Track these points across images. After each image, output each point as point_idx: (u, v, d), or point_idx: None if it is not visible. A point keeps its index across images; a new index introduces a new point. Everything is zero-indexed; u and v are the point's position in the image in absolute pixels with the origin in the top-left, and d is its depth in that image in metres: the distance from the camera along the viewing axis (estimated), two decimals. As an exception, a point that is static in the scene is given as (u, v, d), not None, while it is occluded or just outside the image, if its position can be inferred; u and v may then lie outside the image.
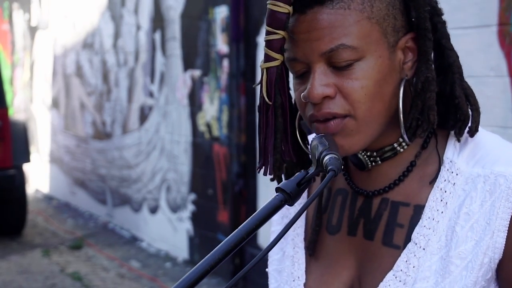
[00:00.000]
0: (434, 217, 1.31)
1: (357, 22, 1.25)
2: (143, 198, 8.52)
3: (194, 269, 1.15)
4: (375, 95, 1.27)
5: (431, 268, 1.29)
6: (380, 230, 1.35)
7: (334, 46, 1.25)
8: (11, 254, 8.13)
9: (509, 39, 3.71)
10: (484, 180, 1.28)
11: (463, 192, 1.30)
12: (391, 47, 1.28)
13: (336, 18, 1.25)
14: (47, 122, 11.86)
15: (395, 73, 1.29)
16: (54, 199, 11.39)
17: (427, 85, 1.29)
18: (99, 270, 7.52)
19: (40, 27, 11.97)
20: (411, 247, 1.31)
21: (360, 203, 1.38)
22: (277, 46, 1.28)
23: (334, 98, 1.27)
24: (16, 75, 13.43)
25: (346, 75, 1.26)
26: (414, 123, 1.30)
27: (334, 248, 1.40)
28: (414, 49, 1.30)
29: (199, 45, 7.14)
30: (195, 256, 7.33)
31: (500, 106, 3.75)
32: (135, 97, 8.69)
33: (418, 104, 1.29)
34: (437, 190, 1.31)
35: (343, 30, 1.25)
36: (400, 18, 1.29)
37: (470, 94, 1.32)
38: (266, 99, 1.30)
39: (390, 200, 1.35)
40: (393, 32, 1.28)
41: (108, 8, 9.35)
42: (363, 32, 1.25)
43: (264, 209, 1.20)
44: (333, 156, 1.22)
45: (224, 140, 6.75)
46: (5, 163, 8.50)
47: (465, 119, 1.30)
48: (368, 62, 1.26)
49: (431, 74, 1.29)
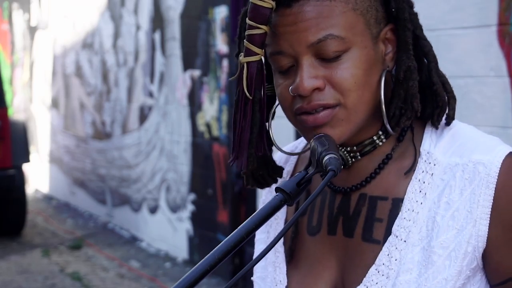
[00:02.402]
0: (414, 208, 1.30)
1: (343, 13, 1.26)
2: (143, 198, 8.52)
3: (194, 269, 1.14)
4: (364, 84, 1.28)
5: (414, 259, 1.29)
6: (360, 226, 1.34)
7: (322, 36, 1.25)
8: (11, 254, 8.13)
9: (509, 39, 3.71)
10: (462, 169, 1.28)
11: (441, 182, 1.30)
12: (374, 38, 1.29)
13: (322, 9, 1.26)
14: (46, 122, 11.86)
15: (379, 63, 1.30)
16: (53, 199, 11.39)
17: (409, 74, 1.30)
18: (99, 270, 7.52)
19: (40, 27, 11.97)
20: (392, 240, 1.30)
21: (338, 201, 1.38)
22: (258, 41, 1.28)
23: (324, 89, 1.27)
24: (16, 75, 13.43)
25: (334, 66, 1.27)
26: (398, 112, 1.30)
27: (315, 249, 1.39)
28: (393, 41, 1.32)
29: (198, 45, 7.14)
30: (195, 256, 7.33)
31: (500, 106, 3.75)
32: (135, 97, 8.69)
33: (400, 94, 1.30)
34: (416, 181, 1.31)
35: (330, 21, 1.26)
36: (380, 10, 1.30)
37: (446, 82, 1.33)
38: (246, 93, 1.31)
39: (368, 195, 1.34)
40: (375, 23, 1.29)
41: (108, 8, 9.35)
42: (349, 23, 1.26)
43: (263, 209, 1.20)
44: (332, 156, 1.22)
45: (223, 140, 6.75)
46: (5, 163, 8.50)
47: (443, 105, 1.31)
48: (355, 52, 1.27)
49: (412, 63, 1.30)
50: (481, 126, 1.36)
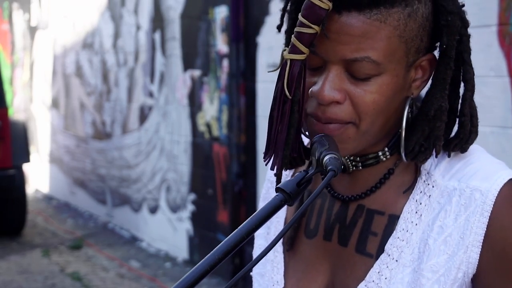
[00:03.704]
0: (408, 229, 1.29)
1: (388, 38, 1.22)
2: (143, 198, 8.52)
3: (194, 269, 1.14)
4: (382, 110, 1.25)
5: (404, 280, 1.28)
6: (354, 237, 1.33)
7: (360, 56, 1.22)
8: (11, 254, 8.13)
9: (509, 39, 3.71)
10: (459, 194, 1.27)
11: (438, 205, 1.28)
12: (408, 66, 1.26)
13: (369, 29, 1.21)
14: (47, 122, 11.86)
15: (403, 90, 1.27)
16: (54, 199, 11.39)
17: (439, 114, 1.27)
18: (99, 270, 7.51)
19: (40, 27, 11.97)
20: (384, 258, 1.30)
21: (337, 208, 1.37)
22: (307, 40, 1.23)
23: (342, 104, 1.25)
24: (16, 75, 13.42)
25: (360, 85, 1.23)
26: (417, 147, 1.28)
27: (311, 252, 1.39)
28: (427, 70, 1.28)
29: (199, 45, 7.14)
30: (195, 256, 7.33)
31: (500, 106, 3.75)
32: (135, 97, 8.69)
33: (425, 130, 1.28)
34: (413, 201, 1.30)
35: (373, 43, 1.22)
36: (425, 40, 1.26)
37: (474, 115, 1.30)
38: (286, 92, 1.25)
39: (366, 207, 1.33)
40: (415, 53, 1.26)
41: (108, 8, 9.35)
42: (390, 50, 1.23)
43: (264, 209, 1.19)
44: (333, 156, 1.21)
45: (224, 140, 6.75)
46: (5, 163, 8.49)
47: (463, 138, 1.29)
48: (385, 79, 1.24)
49: (445, 104, 1.27)
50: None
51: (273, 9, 5.89)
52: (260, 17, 6.16)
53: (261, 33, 6.15)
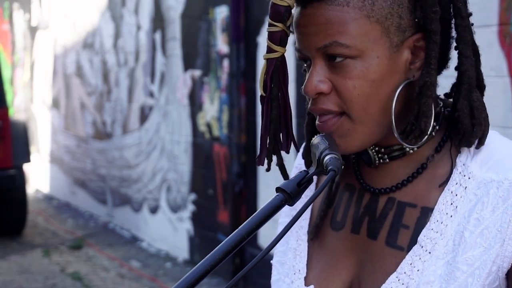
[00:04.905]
0: (443, 220, 1.27)
1: (354, 20, 1.23)
2: (143, 198, 8.52)
3: (194, 269, 1.14)
4: (370, 95, 1.24)
5: (436, 272, 1.26)
6: (385, 230, 1.32)
7: (328, 42, 1.24)
8: (11, 254, 8.13)
9: (509, 39, 3.71)
10: (497, 186, 1.24)
11: (474, 196, 1.26)
12: (394, 46, 1.25)
13: (333, 15, 1.23)
14: (47, 122, 11.86)
15: (397, 73, 1.26)
16: (54, 199, 11.39)
17: (424, 90, 1.25)
18: (99, 270, 7.52)
19: (40, 27, 11.97)
20: (416, 250, 1.28)
21: (366, 200, 1.35)
22: (276, 38, 1.28)
23: (329, 94, 1.26)
24: (16, 75, 13.43)
25: (341, 73, 1.24)
26: (408, 127, 1.27)
27: (337, 244, 1.38)
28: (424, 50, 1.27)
29: (199, 45, 7.14)
30: (195, 256, 7.33)
31: (500, 106, 3.75)
32: (135, 97, 8.69)
33: (414, 109, 1.27)
34: (448, 193, 1.28)
35: (339, 28, 1.23)
36: (407, 17, 1.25)
37: (475, 107, 1.27)
38: (260, 90, 1.31)
39: (396, 200, 1.32)
40: (397, 31, 1.25)
41: (108, 8, 9.36)
42: (360, 31, 1.23)
43: (264, 209, 1.19)
44: (333, 156, 1.21)
45: (224, 140, 6.75)
46: (5, 163, 8.50)
47: (464, 132, 1.27)
48: (364, 62, 1.24)
49: (430, 79, 1.25)
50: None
51: (274, 9, 5.89)
52: (261, 17, 6.16)
53: (262, 33, 6.15)
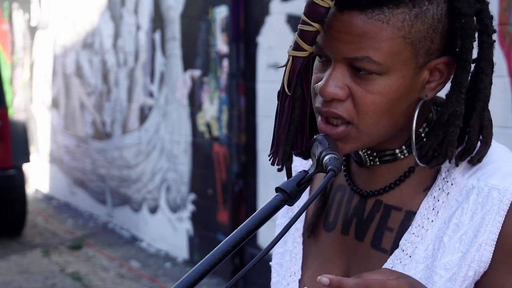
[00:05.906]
0: (424, 225, 1.28)
1: (391, 39, 1.21)
2: (143, 198, 8.53)
3: (194, 269, 1.14)
4: (385, 112, 1.24)
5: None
6: (371, 232, 1.33)
7: (360, 56, 1.21)
8: (11, 254, 8.13)
9: (509, 39, 3.71)
10: (477, 192, 1.25)
11: (455, 202, 1.27)
12: (417, 68, 1.24)
13: (371, 29, 1.21)
14: (47, 122, 11.86)
15: (413, 92, 1.25)
16: (54, 199, 11.39)
17: (453, 119, 1.25)
18: (99, 270, 7.52)
19: (40, 27, 11.97)
20: (397, 254, 1.29)
21: (355, 202, 1.37)
22: (309, 38, 1.24)
23: (344, 101, 1.25)
24: (16, 75, 13.43)
25: (362, 84, 1.23)
26: (431, 152, 1.27)
27: (328, 245, 1.39)
28: (444, 72, 1.26)
29: (199, 45, 7.14)
30: (195, 256, 7.33)
31: (500, 106, 3.75)
32: (135, 97, 8.69)
33: (439, 135, 1.26)
34: (430, 198, 1.29)
35: (374, 43, 1.21)
36: (437, 42, 1.24)
37: (486, 126, 1.28)
38: (286, 88, 1.27)
39: (383, 202, 1.33)
40: (425, 54, 1.24)
41: (108, 8, 9.36)
42: (393, 50, 1.22)
43: (264, 209, 1.19)
44: (333, 156, 1.21)
45: (224, 140, 6.75)
46: (5, 163, 8.50)
47: (469, 149, 1.27)
48: (388, 80, 1.23)
49: (459, 108, 1.25)
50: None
51: (273, 9, 5.89)
52: (260, 17, 6.16)
53: (261, 33, 6.15)
